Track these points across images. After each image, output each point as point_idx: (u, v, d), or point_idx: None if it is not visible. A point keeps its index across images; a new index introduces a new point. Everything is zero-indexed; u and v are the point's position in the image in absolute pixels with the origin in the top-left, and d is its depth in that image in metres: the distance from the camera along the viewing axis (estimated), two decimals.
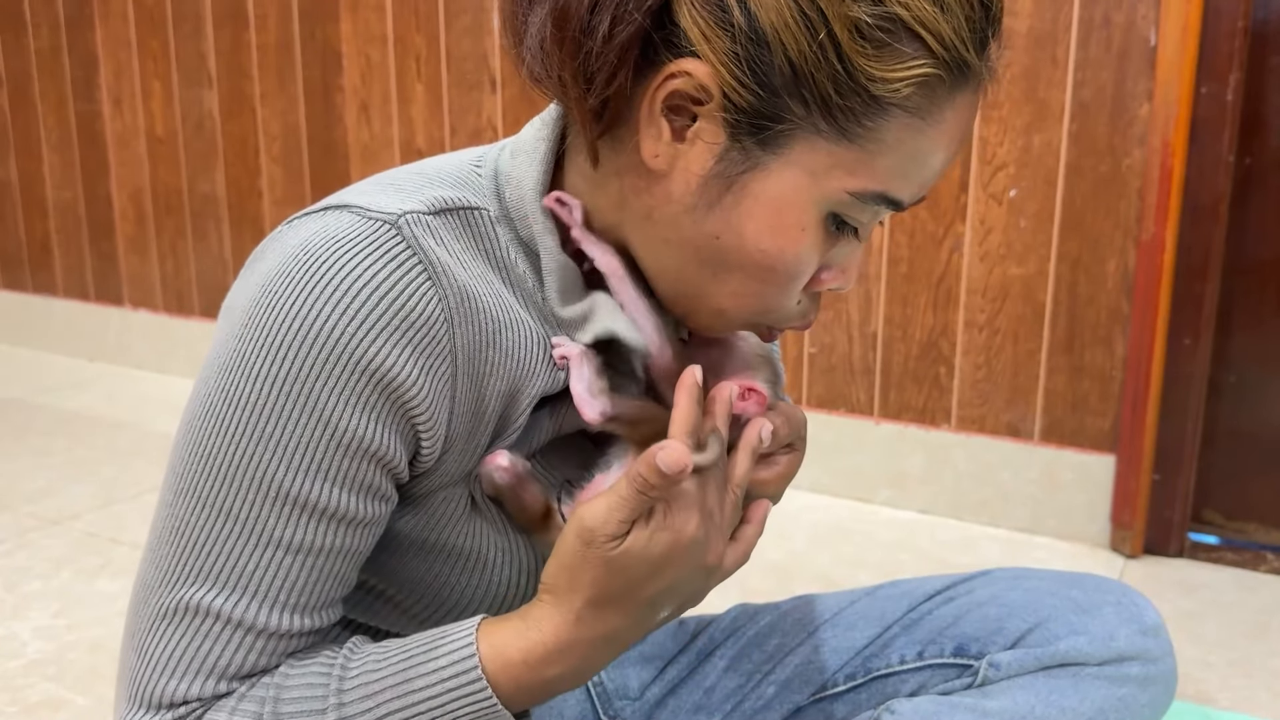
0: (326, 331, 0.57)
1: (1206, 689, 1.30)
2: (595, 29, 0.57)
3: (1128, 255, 1.62)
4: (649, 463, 0.57)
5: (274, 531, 0.59)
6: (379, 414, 0.59)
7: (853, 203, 0.60)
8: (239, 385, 0.58)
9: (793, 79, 0.57)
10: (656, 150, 0.60)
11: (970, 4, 0.58)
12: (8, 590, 1.50)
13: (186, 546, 0.59)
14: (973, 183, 1.69)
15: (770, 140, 0.59)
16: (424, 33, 2.08)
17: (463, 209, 0.64)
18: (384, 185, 0.64)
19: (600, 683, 0.85)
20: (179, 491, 0.60)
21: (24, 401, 2.40)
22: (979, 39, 0.58)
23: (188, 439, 0.60)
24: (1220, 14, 1.51)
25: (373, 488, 0.60)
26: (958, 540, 1.70)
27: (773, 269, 0.62)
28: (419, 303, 0.59)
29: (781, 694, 0.86)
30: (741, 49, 0.57)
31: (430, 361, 0.59)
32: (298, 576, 0.60)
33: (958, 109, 0.59)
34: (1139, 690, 0.80)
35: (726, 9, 0.56)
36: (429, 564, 0.66)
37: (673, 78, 0.58)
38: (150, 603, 0.60)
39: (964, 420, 1.76)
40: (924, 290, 1.75)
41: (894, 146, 0.59)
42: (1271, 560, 1.63)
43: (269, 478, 0.58)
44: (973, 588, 0.87)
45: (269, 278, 0.59)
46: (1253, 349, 1.66)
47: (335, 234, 0.59)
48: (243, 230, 2.41)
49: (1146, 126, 1.57)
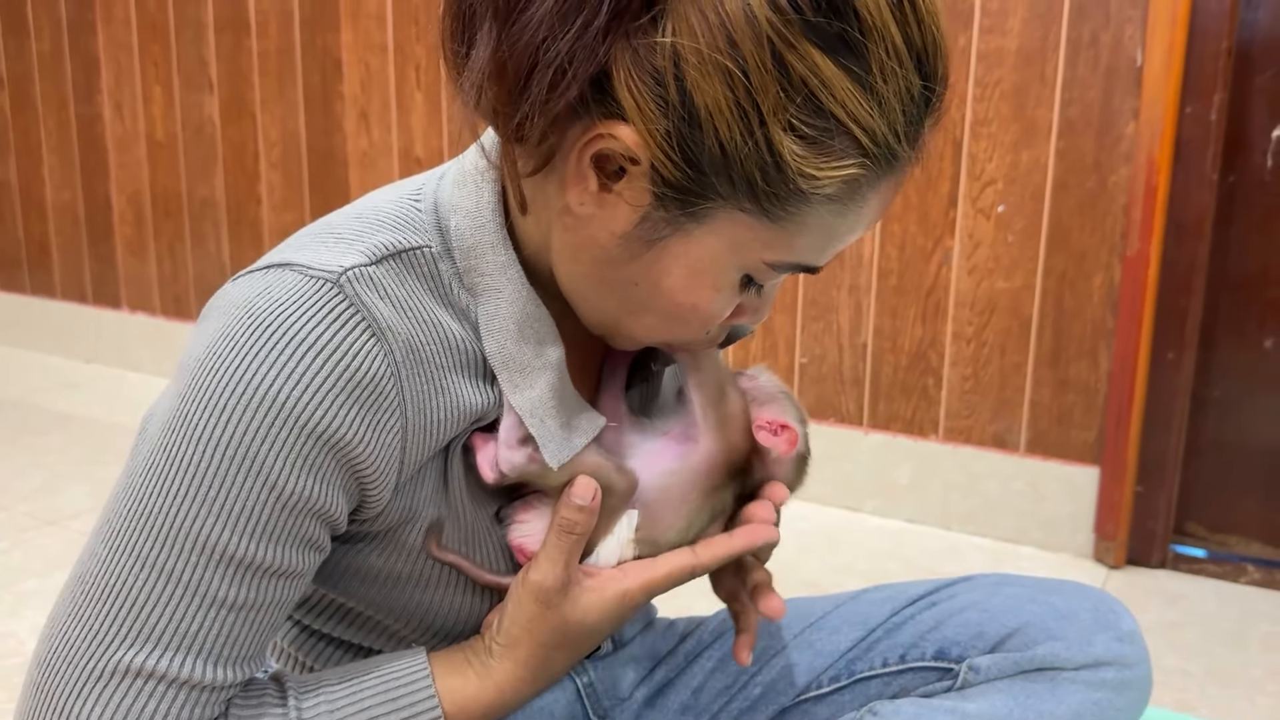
0: (271, 396, 0.57)
1: (1186, 697, 1.32)
2: (531, 91, 0.56)
3: (1113, 270, 1.64)
4: (564, 502, 0.63)
5: (215, 591, 0.58)
6: (324, 474, 0.59)
7: (768, 270, 0.62)
8: (182, 447, 0.58)
9: (722, 162, 0.56)
10: (582, 199, 0.60)
11: (910, 97, 0.57)
12: (4, 589, 1.52)
13: (121, 606, 0.58)
14: (962, 198, 1.72)
15: (695, 212, 0.59)
16: (424, 43, 2.10)
17: (404, 250, 0.63)
18: (324, 236, 0.64)
19: (590, 684, 0.85)
20: (115, 548, 0.58)
21: (20, 401, 2.41)
22: (912, 132, 0.58)
23: (128, 495, 0.59)
24: (1205, 35, 1.54)
25: (312, 540, 0.61)
26: (944, 549, 1.73)
27: (684, 317, 0.64)
28: (365, 362, 0.59)
29: (767, 695, 0.87)
30: (674, 126, 0.56)
31: (379, 418, 0.60)
32: (236, 631, 0.60)
33: (880, 193, 0.60)
34: (1115, 695, 0.81)
35: (663, 85, 0.55)
36: (409, 593, 0.68)
37: (601, 137, 0.57)
38: (75, 664, 0.58)
39: (951, 431, 1.78)
40: (913, 303, 1.78)
41: (814, 228, 0.60)
42: (1252, 572, 1.66)
43: (210, 539, 0.58)
44: (954, 593, 0.88)
45: (213, 339, 0.59)
46: (1236, 364, 1.68)
47: (278, 295, 0.59)
48: (241, 235, 2.42)
49: (1132, 144, 1.59)
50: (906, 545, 1.73)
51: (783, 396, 0.73)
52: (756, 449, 0.71)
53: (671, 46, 0.54)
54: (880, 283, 1.79)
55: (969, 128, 1.69)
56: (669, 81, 0.55)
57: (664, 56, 0.55)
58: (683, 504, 0.69)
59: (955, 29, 1.66)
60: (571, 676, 0.84)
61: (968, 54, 1.68)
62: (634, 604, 0.67)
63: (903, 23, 0.56)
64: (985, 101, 1.67)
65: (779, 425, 0.70)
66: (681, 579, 0.68)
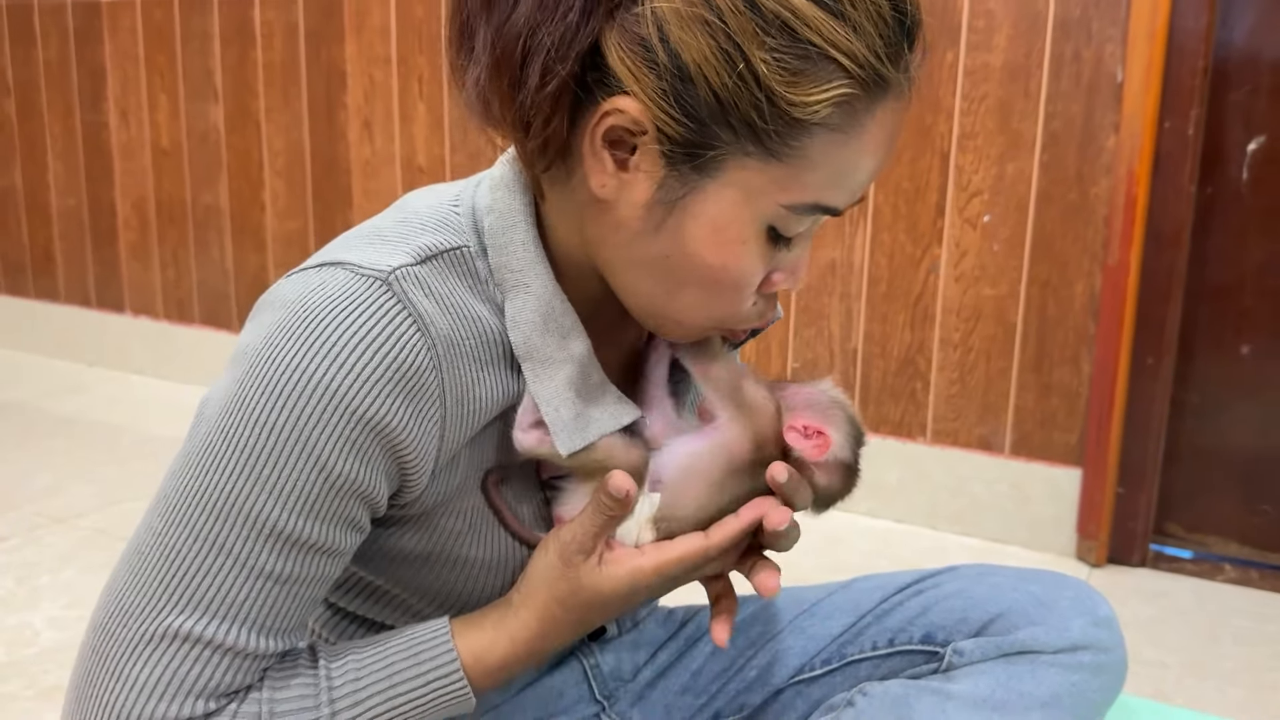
0: (325, 384, 0.61)
1: (1163, 688, 1.36)
2: (527, 80, 0.61)
3: (1094, 279, 1.67)
4: (603, 488, 0.66)
5: (263, 564, 0.62)
6: (370, 457, 0.63)
7: (788, 214, 0.64)
8: (240, 429, 0.61)
9: (718, 109, 0.60)
10: (603, 181, 0.64)
11: (883, 20, 0.60)
12: (19, 583, 1.55)
13: (175, 574, 0.62)
14: (949, 208, 1.75)
15: (704, 165, 0.62)
16: (426, 55, 2.13)
17: (445, 250, 0.67)
18: (371, 238, 0.67)
19: (596, 666, 0.89)
20: (171, 522, 0.62)
21: (26, 404, 2.43)
22: (893, 53, 0.60)
23: (185, 472, 0.63)
24: (1183, 53, 1.57)
25: (354, 521, 0.65)
26: (932, 549, 1.76)
27: (719, 281, 0.65)
28: (410, 355, 0.63)
29: (762, 677, 0.91)
30: (668, 85, 0.59)
31: (421, 407, 0.64)
32: (280, 603, 0.64)
33: (879, 120, 0.62)
34: (1091, 677, 0.84)
35: (651, 49, 0.59)
36: (439, 573, 0.73)
37: (608, 115, 0.61)
38: (130, 627, 0.62)
39: (939, 434, 1.82)
40: (902, 309, 1.81)
41: (821, 162, 0.62)
42: (1229, 571, 1.69)
43: (262, 515, 0.62)
44: (940, 582, 0.91)
45: (270, 330, 0.62)
46: (1213, 370, 1.71)
47: (332, 291, 0.63)
48: (244, 241, 2.44)
49: (1113, 157, 1.62)
50: (895, 544, 1.77)
51: (835, 407, 0.73)
52: (790, 453, 0.71)
53: (651, 12, 0.59)
54: (870, 290, 1.82)
55: (956, 141, 1.72)
56: (656, 45, 0.59)
57: (647, 24, 0.59)
58: (702, 485, 0.70)
59: (943, 45, 1.70)
60: (579, 659, 0.88)
61: (955, 69, 1.70)
62: (645, 583, 0.69)
63: None
64: (971, 115, 1.70)
65: (815, 430, 0.70)
66: (695, 561, 0.69)
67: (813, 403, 0.72)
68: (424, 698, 0.67)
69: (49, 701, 1.26)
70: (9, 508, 1.83)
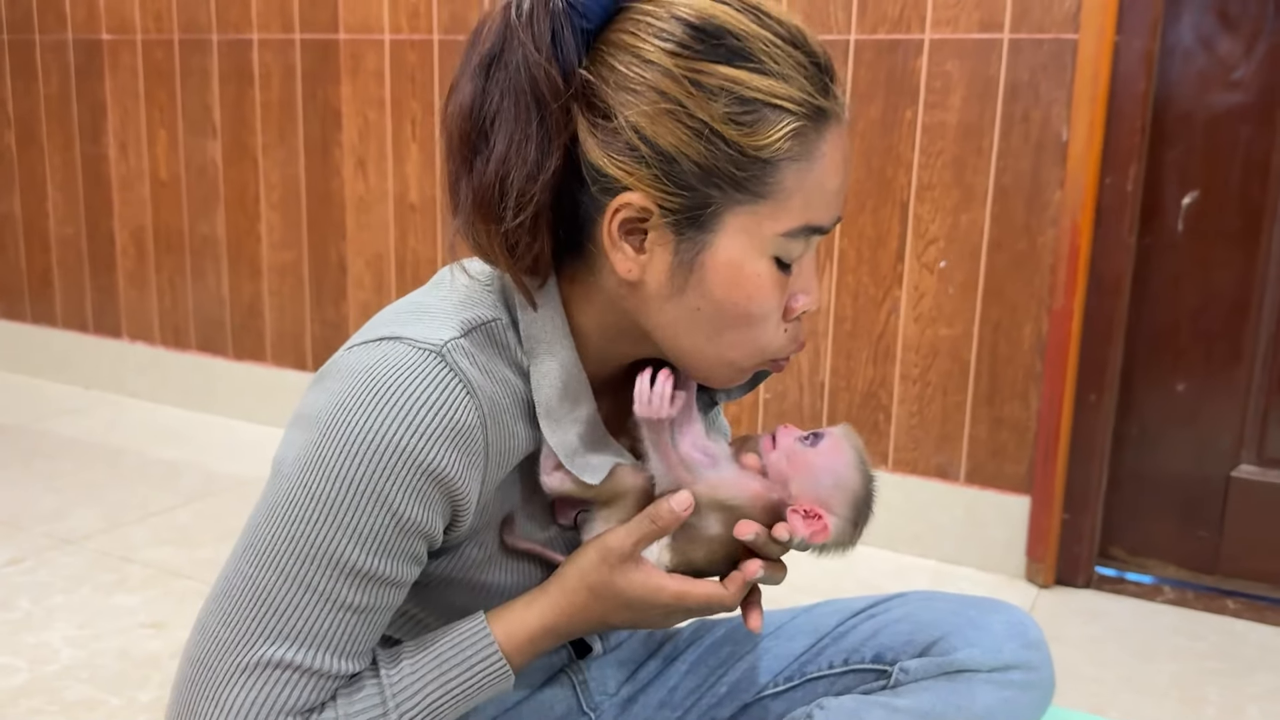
0: (393, 441, 0.70)
1: (1099, 702, 1.43)
2: (505, 215, 0.72)
3: (1041, 322, 1.73)
4: (664, 503, 0.75)
5: (343, 597, 0.71)
6: (431, 501, 0.72)
7: (786, 241, 0.73)
8: (319, 483, 0.70)
9: (702, 174, 0.70)
10: (629, 266, 0.73)
11: (803, 66, 0.71)
12: (34, 603, 1.61)
13: (266, 611, 0.70)
14: (908, 254, 1.82)
15: (706, 222, 0.72)
16: (419, 99, 2.20)
17: (484, 324, 0.76)
18: (419, 313, 0.76)
19: (584, 681, 0.97)
20: (260, 565, 0.71)
21: (26, 428, 2.46)
22: (821, 87, 0.72)
23: (271, 523, 0.71)
24: (1123, 115, 1.64)
25: (417, 555, 0.75)
26: (892, 570, 1.82)
27: (750, 315, 0.74)
28: (463, 415, 0.72)
29: (732, 692, 0.99)
30: (658, 170, 0.70)
31: (470, 459, 0.73)
32: (356, 629, 0.73)
33: (830, 141, 0.72)
34: (1020, 693, 0.90)
35: (635, 149, 0.70)
36: (457, 595, 0.82)
37: (618, 211, 0.71)
38: (227, 660, 0.70)
39: (899, 462, 1.88)
40: (865, 346, 1.87)
41: (796, 188, 0.72)
42: (1167, 592, 1.76)
43: (342, 555, 0.70)
44: (890, 607, 0.98)
45: (341, 397, 0.71)
46: (1152, 405, 1.76)
47: (394, 362, 0.71)
48: (240, 270, 2.49)
49: (1058, 210, 1.68)
50: (859, 565, 1.82)
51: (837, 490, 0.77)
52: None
53: (625, 121, 0.71)
54: (836, 328, 1.89)
55: (915, 192, 1.79)
56: (638, 144, 0.70)
57: (626, 132, 0.71)
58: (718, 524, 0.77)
59: (903, 104, 1.77)
60: (569, 675, 0.97)
61: (914, 127, 1.77)
62: (662, 602, 0.78)
63: (766, 25, 0.72)
64: (929, 169, 1.77)
65: (814, 513, 0.76)
66: (710, 605, 0.78)
67: (818, 483, 0.77)
68: (471, 684, 0.77)
69: (72, 716, 1.32)
70: (18, 529, 1.88)
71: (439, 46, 2.16)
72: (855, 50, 1.80)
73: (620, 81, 0.71)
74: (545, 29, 0.71)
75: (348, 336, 2.33)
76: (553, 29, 0.71)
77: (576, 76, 0.72)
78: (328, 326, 2.41)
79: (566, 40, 0.71)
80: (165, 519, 1.97)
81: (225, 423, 2.56)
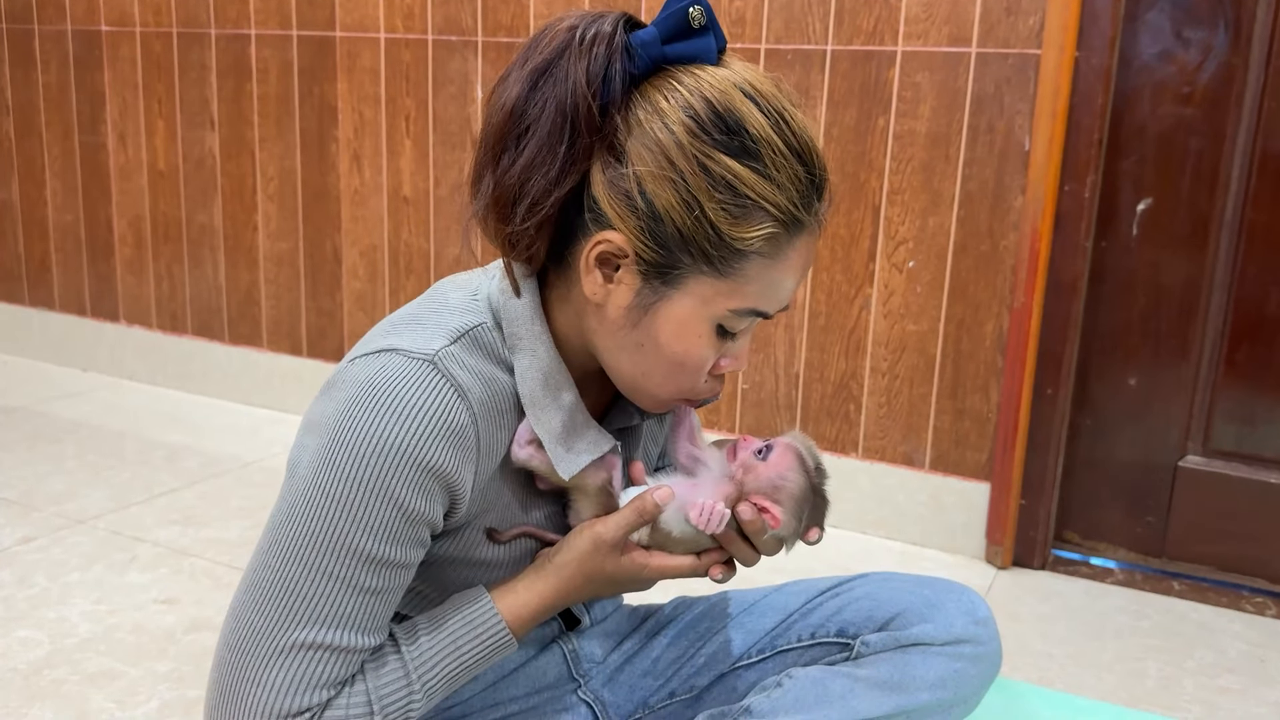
0: (396, 442, 0.77)
1: (1047, 675, 1.50)
2: (515, 216, 0.79)
3: (1003, 320, 1.78)
4: (648, 496, 0.85)
5: (361, 581, 0.78)
6: (432, 493, 0.79)
7: (733, 316, 0.80)
8: (332, 483, 0.77)
9: (681, 241, 0.77)
10: (594, 290, 0.81)
11: (799, 179, 0.77)
12: (50, 580, 1.66)
13: (294, 598, 0.77)
14: (879, 254, 1.87)
15: (670, 279, 0.78)
16: (414, 97, 2.23)
17: (471, 329, 0.84)
18: (411, 324, 0.83)
19: (574, 651, 1.04)
20: (285, 558, 0.78)
21: (29, 410, 2.49)
22: (806, 202, 0.78)
23: (291, 519, 0.78)
24: (1080, 127, 1.70)
25: (422, 541, 0.83)
26: (860, 551, 1.88)
27: (682, 365, 0.82)
28: (456, 416, 0.79)
29: (709, 663, 1.07)
30: (644, 224, 0.77)
31: (464, 454, 0.80)
32: (375, 609, 0.80)
33: (798, 249, 0.80)
34: (970, 665, 0.96)
35: (632, 198, 0.77)
36: (460, 573, 0.91)
37: (599, 243, 0.78)
38: (263, 644, 0.77)
39: (868, 450, 1.93)
40: (838, 340, 1.92)
41: (756, 278, 0.79)
42: (1117, 574, 1.82)
43: (357, 545, 0.77)
44: (853, 586, 1.05)
45: (347, 405, 0.78)
46: (1105, 399, 1.81)
47: (391, 373, 0.78)
48: (237, 259, 2.52)
49: (1020, 215, 1.73)
50: (829, 547, 1.86)
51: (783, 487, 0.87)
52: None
53: (633, 172, 0.78)
54: (810, 323, 1.93)
55: (885, 196, 1.84)
56: (636, 195, 0.77)
57: (629, 180, 0.78)
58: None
59: (875, 112, 1.82)
60: (560, 646, 1.04)
61: (886, 134, 1.82)
62: (647, 576, 0.89)
63: (782, 134, 0.79)
64: (899, 174, 1.83)
65: (762, 507, 0.87)
66: (686, 574, 0.90)
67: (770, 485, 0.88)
68: (481, 653, 0.87)
69: (94, 685, 1.39)
70: (31, 509, 1.92)
71: (433, 46, 2.19)
72: (831, 60, 1.86)
73: (640, 135, 0.78)
74: (601, 63, 0.77)
75: (342, 324, 2.38)
76: (607, 64, 0.77)
77: (611, 118, 0.78)
78: (322, 315, 2.46)
79: (614, 79, 0.77)
80: (171, 500, 2.02)
81: (223, 405, 2.59)
